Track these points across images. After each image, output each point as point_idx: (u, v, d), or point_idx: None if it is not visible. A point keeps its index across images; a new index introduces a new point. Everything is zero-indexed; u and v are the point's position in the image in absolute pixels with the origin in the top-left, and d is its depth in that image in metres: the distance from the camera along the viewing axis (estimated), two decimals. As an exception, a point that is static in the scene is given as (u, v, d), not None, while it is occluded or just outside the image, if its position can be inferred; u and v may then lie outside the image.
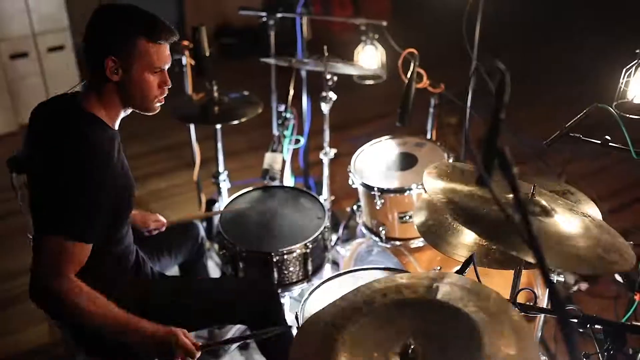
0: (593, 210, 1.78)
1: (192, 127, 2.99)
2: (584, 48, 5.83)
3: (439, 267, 2.31)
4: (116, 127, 1.77)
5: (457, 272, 1.57)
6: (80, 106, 1.70)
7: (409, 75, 2.42)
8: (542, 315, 1.93)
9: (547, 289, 1.12)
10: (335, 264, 2.92)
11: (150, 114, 1.79)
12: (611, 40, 5.84)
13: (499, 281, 2.03)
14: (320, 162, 2.90)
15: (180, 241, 2.33)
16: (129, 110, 1.78)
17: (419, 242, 2.34)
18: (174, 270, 2.39)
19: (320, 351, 1.19)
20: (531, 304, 1.57)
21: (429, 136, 2.77)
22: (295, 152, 3.24)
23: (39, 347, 2.72)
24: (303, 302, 2.06)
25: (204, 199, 3.28)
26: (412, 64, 2.40)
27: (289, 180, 3.14)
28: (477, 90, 2.51)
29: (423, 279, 1.35)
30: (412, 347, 1.17)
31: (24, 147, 1.77)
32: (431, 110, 2.74)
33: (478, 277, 1.96)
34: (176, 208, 3.73)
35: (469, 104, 2.90)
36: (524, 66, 5.46)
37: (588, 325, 1.44)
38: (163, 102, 1.79)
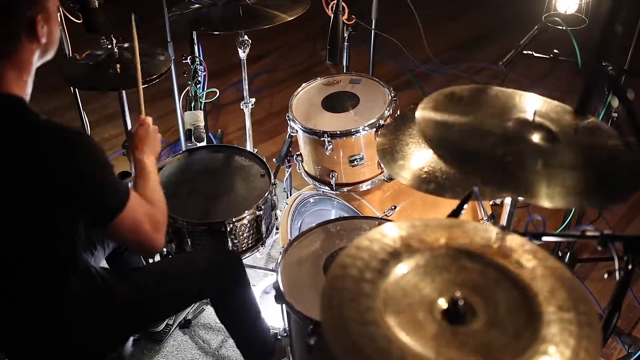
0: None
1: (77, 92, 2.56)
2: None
3: (394, 206, 2.24)
4: None
5: (454, 210, 1.49)
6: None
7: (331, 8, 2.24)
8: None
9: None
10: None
11: None
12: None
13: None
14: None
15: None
16: None
17: (367, 185, 2.23)
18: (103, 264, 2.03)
19: (352, 308, 1.02)
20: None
21: (345, 69, 2.62)
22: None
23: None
24: (278, 271, 1.87)
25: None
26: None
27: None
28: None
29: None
30: (460, 301, 1.04)
31: None
32: (346, 43, 2.58)
33: (484, 209, 1.91)
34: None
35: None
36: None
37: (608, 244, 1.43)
38: None
